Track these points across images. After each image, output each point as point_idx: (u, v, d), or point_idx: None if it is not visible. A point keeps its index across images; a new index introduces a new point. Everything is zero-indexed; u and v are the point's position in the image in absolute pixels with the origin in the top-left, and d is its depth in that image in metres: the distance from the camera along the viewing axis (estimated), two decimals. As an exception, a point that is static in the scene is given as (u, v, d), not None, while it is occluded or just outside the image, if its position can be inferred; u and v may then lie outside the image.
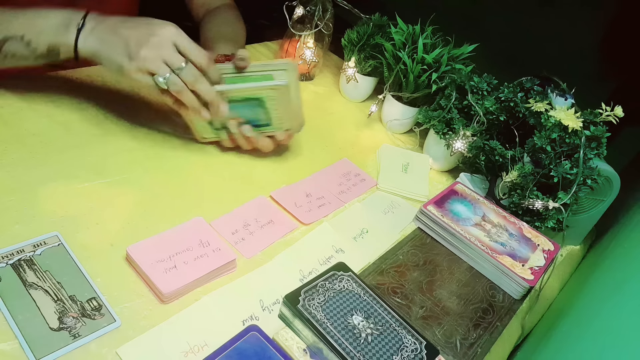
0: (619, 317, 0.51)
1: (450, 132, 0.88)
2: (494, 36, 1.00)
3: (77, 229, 0.60)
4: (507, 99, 0.82)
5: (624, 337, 0.47)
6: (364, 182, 0.84)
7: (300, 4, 0.99)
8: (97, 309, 0.52)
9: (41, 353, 0.47)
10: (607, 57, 0.99)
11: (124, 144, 0.75)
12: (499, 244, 0.73)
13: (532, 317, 0.71)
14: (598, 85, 0.97)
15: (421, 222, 0.78)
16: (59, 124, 0.74)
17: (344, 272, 0.60)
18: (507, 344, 0.67)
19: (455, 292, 0.69)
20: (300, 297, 0.55)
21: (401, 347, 0.54)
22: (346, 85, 1.04)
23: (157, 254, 0.58)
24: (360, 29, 1.00)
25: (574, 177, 0.74)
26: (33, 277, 0.53)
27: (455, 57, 0.94)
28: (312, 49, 1.02)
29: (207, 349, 0.52)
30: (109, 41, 0.63)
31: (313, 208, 0.75)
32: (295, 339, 0.54)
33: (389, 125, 1.00)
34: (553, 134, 0.75)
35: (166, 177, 0.72)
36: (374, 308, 0.57)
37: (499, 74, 0.88)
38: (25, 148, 0.68)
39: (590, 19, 0.98)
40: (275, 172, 0.80)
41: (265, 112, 0.75)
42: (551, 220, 0.77)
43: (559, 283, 0.79)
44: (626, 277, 0.60)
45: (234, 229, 0.67)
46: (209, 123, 0.75)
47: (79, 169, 0.68)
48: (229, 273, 0.62)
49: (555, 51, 1.03)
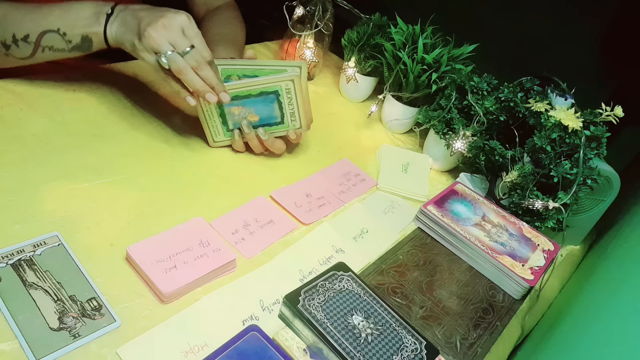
0: (619, 317, 0.51)
1: (450, 132, 0.88)
2: (494, 36, 1.00)
3: (77, 229, 0.60)
4: (507, 99, 0.82)
5: (623, 337, 0.47)
6: (364, 182, 0.84)
7: (300, 4, 0.99)
8: (97, 309, 0.52)
9: (41, 353, 0.47)
10: (607, 57, 0.99)
11: (124, 144, 0.75)
12: (499, 244, 0.73)
13: (532, 317, 0.71)
14: (598, 85, 0.97)
15: (421, 222, 0.78)
16: (59, 124, 0.74)
17: (344, 272, 0.60)
18: (507, 344, 0.67)
19: (455, 292, 0.69)
20: (300, 297, 0.55)
21: (401, 347, 0.54)
22: (346, 85, 1.04)
23: (157, 254, 0.58)
24: (360, 29, 1.00)
25: (574, 177, 0.74)
26: (33, 277, 0.53)
27: (455, 57, 0.94)
28: (312, 49, 1.02)
29: (207, 349, 0.52)
30: (127, 23, 0.67)
31: (313, 208, 0.75)
32: (295, 339, 0.54)
33: (389, 125, 1.00)
34: (553, 134, 0.75)
35: (166, 177, 0.72)
36: (374, 308, 0.57)
37: (499, 74, 0.88)
38: (25, 148, 0.68)
39: (590, 18, 0.98)
40: (275, 172, 0.80)
41: (280, 107, 0.76)
42: (551, 220, 0.77)
43: (559, 283, 0.79)
44: (626, 277, 0.60)
45: (234, 229, 0.67)
46: (223, 124, 0.76)
47: (79, 169, 0.68)
48: (229, 273, 0.62)
49: (555, 51, 1.03)
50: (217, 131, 0.78)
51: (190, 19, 0.67)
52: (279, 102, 0.76)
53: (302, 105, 0.77)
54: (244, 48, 0.96)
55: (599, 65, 1.01)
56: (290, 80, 0.73)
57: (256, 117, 0.77)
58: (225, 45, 0.86)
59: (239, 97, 0.74)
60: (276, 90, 0.74)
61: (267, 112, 0.77)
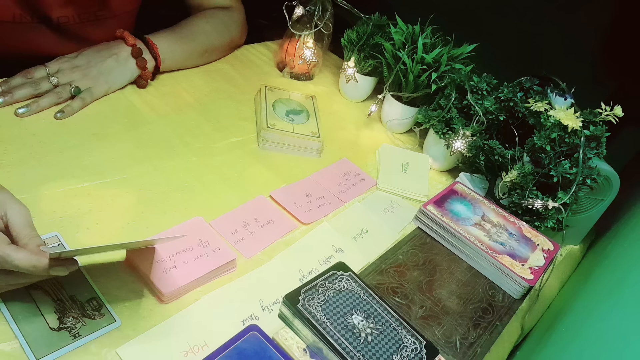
0: (619, 316, 0.51)
1: (450, 131, 0.88)
2: (494, 36, 1.00)
3: (77, 229, 0.60)
4: (507, 99, 0.82)
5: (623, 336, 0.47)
6: (364, 181, 0.84)
7: (300, 4, 0.99)
8: (97, 309, 0.52)
9: (41, 353, 0.47)
10: (606, 57, 0.99)
11: (124, 144, 0.75)
12: (499, 244, 0.74)
13: (531, 316, 0.71)
14: (598, 85, 0.97)
15: (421, 222, 0.78)
16: (58, 124, 0.74)
17: (343, 272, 0.60)
18: (507, 344, 0.67)
19: (455, 291, 0.69)
20: (300, 297, 0.55)
21: (401, 347, 0.54)
22: (346, 85, 1.04)
23: (157, 254, 0.58)
24: (360, 29, 1.00)
25: (573, 177, 0.74)
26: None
27: (455, 57, 0.94)
28: (311, 49, 1.02)
29: (207, 349, 0.52)
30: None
31: (313, 208, 0.75)
32: (295, 339, 0.54)
33: (389, 125, 1.00)
34: (552, 133, 0.75)
35: (166, 177, 0.72)
36: (374, 308, 0.57)
37: (498, 74, 0.88)
38: (25, 148, 0.68)
39: (590, 18, 0.98)
40: (275, 172, 0.80)
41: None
42: (551, 219, 0.77)
43: (559, 283, 0.79)
44: (625, 276, 0.60)
45: (234, 228, 0.67)
46: None
47: (79, 169, 0.68)
48: (228, 273, 0.62)
49: (555, 51, 1.03)
50: None
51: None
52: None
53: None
54: (215, 50, 0.99)
55: (598, 65, 1.01)
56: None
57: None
58: (169, 37, 0.89)
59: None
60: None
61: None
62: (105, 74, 0.80)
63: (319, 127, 0.88)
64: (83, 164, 0.69)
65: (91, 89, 0.78)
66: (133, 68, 0.82)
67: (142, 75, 0.84)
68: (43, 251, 0.46)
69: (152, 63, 0.85)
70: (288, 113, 0.89)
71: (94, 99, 0.79)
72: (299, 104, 0.92)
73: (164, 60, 0.87)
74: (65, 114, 0.74)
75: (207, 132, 0.83)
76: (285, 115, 0.87)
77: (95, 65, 0.79)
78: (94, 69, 0.79)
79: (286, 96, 0.93)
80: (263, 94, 0.91)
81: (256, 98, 0.94)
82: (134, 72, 0.83)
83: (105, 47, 0.81)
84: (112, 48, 0.81)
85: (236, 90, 0.96)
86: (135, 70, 0.83)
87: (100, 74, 0.79)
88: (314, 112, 0.92)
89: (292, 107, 0.91)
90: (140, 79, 0.85)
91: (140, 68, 0.83)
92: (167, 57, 0.87)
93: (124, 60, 0.81)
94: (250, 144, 0.84)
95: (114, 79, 0.81)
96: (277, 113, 0.87)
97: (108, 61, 0.80)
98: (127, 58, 0.82)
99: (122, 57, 0.81)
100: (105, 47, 0.81)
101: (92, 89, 0.78)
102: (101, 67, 0.79)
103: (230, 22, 1.01)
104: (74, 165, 0.68)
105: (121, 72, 0.81)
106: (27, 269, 0.45)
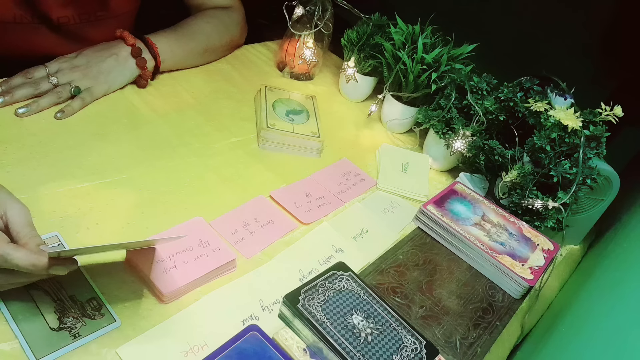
0: (619, 316, 0.51)
1: (450, 131, 0.88)
2: (494, 36, 1.00)
3: (77, 229, 0.60)
4: (507, 99, 0.82)
5: (623, 336, 0.47)
6: (364, 181, 0.84)
7: (300, 4, 0.99)
8: (97, 309, 0.52)
9: (41, 353, 0.47)
10: (606, 57, 0.99)
11: (124, 144, 0.75)
12: (499, 244, 0.74)
13: (531, 316, 0.71)
14: (598, 85, 0.97)
15: (421, 222, 0.78)
16: (58, 124, 0.74)
17: (343, 272, 0.60)
18: (507, 344, 0.67)
19: (455, 291, 0.69)
20: (300, 297, 0.55)
21: (401, 347, 0.54)
22: (346, 85, 1.04)
23: (157, 254, 0.58)
24: (360, 29, 1.00)
25: (573, 177, 0.74)
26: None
27: (455, 57, 0.94)
28: (311, 49, 1.02)
29: (207, 349, 0.52)
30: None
31: (313, 208, 0.75)
32: (295, 339, 0.54)
33: (389, 125, 1.00)
34: (552, 133, 0.75)
35: (166, 177, 0.72)
36: (374, 308, 0.57)
37: (498, 74, 0.88)
38: (25, 148, 0.68)
39: (590, 18, 0.98)
40: (275, 172, 0.80)
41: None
42: (551, 219, 0.77)
43: (559, 283, 0.79)
44: (625, 276, 0.60)
45: (234, 228, 0.67)
46: None
47: (79, 169, 0.68)
48: (228, 273, 0.62)
49: (555, 51, 1.03)
50: None
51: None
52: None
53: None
54: (215, 50, 0.99)
55: (598, 65, 1.01)
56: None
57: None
58: (169, 36, 0.89)
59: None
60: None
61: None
62: (105, 73, 0.80)
63: (319, 127, 0.88)
64: (83, 164, 0.69)
65: (91, 88, 0.78)
66: (133, 68, 0.82)
67: (142, 75, 0.84)
68: (43, 250, 0.46)
69: (152, 63, 0.85)
70: (288, 113, 0.89)
71: (93, 99, 0.79)
72: (299, 104, 0.92)
73: (163, 60, 0.87)
74: (65, 114, 0.75)
75: (207, 132, 0.83)
76: (285, 115, 0.88)
77: (95, 65, 0.79)
78: (94, 68, 0.79)
79: (286, 96, 0.93)
80: (263, 94, 0.91)
81: (256, 98, 0.94)
82: (134, 71, 0.83)
83: (105, 47, 0.81)
84: (111, 48, 0.81)
85: (236, 90, 0.96)
86: (135, 69, 0.83)
87: (100, 73, 0.79)
88: (314, 112, 0.92)
89: (292, 107, 0.91)
90: (140, 79, 0.85)
91: (140, 68, 0.83)
92: (167, 56, 0.87)
93: (124, 59, 0.81)
94: (250, 144, 0.84)
95: (114, 78, 0.81)
96: (277, 113, 0.87)
97: (108, 61, 0.80)
98: (126, 58, 0.82)
99: (122, 57, 0.81)
100: (105, 47, 0.81)
101: (92, 88, 0.78)
102: (101, 66, 0.79)
103: (230, 22, 1.01)
104: (74, 165, 0.68)
105: (121, 71, 0.81)
106: (27, 268, 0.45)
